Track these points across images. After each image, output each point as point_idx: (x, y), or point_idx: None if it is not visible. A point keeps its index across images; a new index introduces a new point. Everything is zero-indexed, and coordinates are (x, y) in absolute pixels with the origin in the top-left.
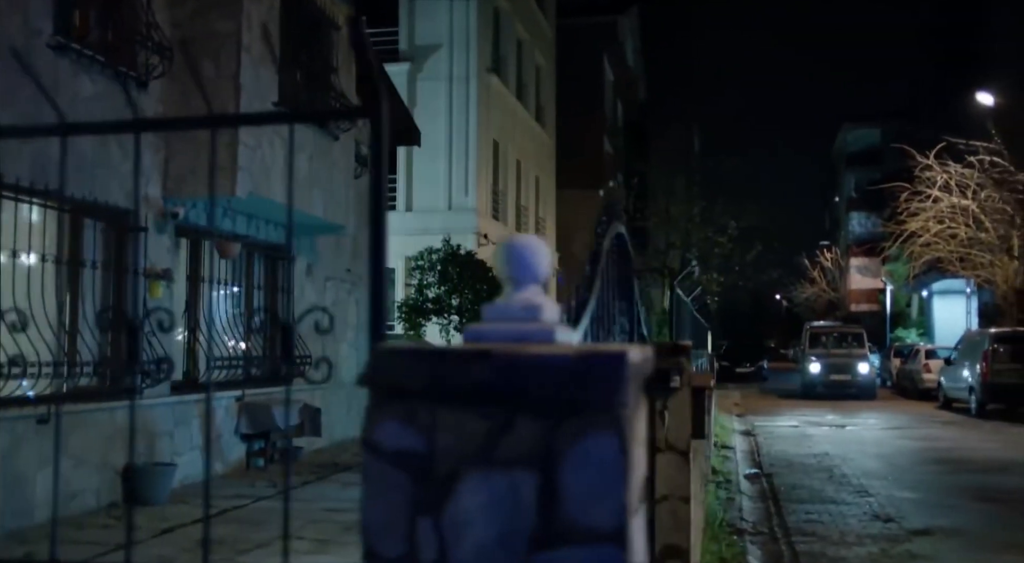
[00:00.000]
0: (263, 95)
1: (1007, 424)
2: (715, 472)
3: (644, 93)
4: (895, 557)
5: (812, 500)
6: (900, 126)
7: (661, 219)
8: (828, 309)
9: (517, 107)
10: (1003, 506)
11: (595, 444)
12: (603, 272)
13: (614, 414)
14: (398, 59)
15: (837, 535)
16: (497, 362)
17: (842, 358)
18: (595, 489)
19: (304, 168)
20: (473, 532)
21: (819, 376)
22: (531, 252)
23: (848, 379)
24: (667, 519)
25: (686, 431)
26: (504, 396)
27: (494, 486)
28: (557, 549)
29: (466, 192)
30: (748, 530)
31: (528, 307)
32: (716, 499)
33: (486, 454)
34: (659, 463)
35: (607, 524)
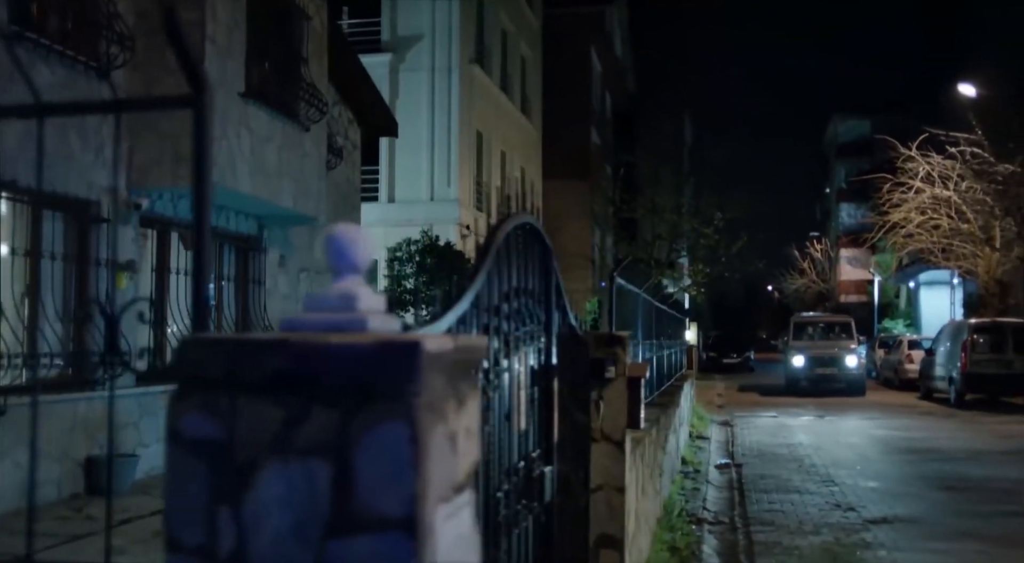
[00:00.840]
0: (229, 85)
1: (984, 414)
2: (685, 462)
3: (633, 84)
4: (848, 546)
5: (778, 490)
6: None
7: (647, 210)
8: (818, 300)
9: (501, 98)
10: (964, 494)
11: (386, 432)
12: (501, 264)
13: (406, 403)
14: (380, 50)
15: (795, 524)
16: (293, 351)
17: (828, 351)
18: (386, 477)
19: (273, 159)
20: (270, 521)
21: (803, 370)
22: (349, 242)
23: (835, 373)
24: (602, 509)
25: (621, 421)
26: (301, 385)
27: (291, 475)
28: (350, 536)
29: (448, 183)
30: (708, 519)
31: (344, 296)
32: (681, 489)
33: (283, 443)
34: (594, 453)
35: (397, 512)
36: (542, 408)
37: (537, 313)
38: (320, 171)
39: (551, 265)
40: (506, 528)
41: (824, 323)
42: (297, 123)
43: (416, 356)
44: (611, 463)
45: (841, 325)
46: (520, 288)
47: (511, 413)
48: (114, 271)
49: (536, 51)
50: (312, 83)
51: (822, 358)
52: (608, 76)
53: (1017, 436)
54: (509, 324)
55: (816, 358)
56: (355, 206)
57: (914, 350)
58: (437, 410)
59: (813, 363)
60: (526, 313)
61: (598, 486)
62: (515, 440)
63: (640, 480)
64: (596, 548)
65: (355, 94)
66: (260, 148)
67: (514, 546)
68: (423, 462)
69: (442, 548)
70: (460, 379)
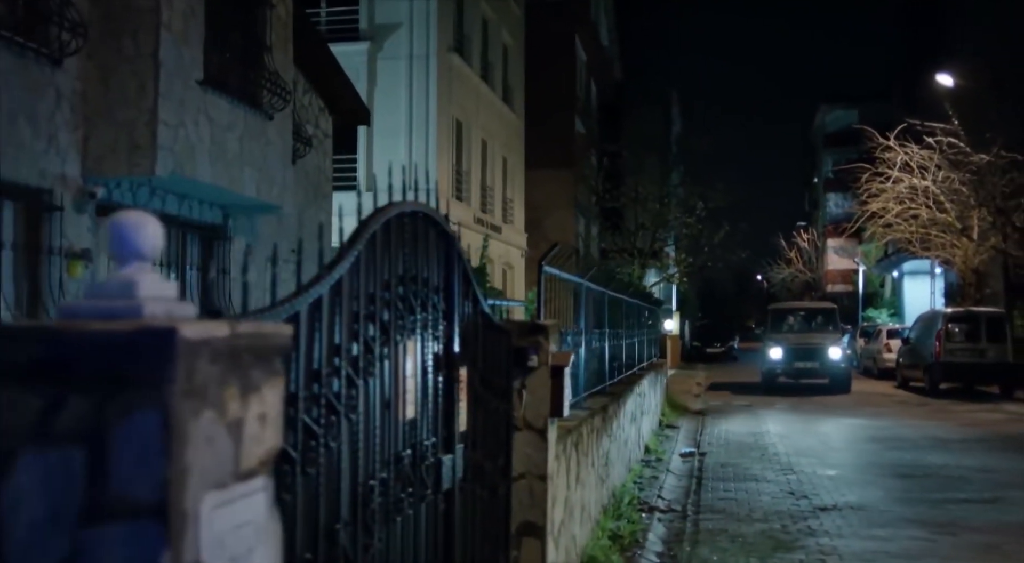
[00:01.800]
0: (186, 73)
1: (957, 402)
2: (649, 451)
3: (620, 73)
4: (792, 533)
5: (736, 478)
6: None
7: (629, 199)
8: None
9: (482, 87)
10: (918, 481)
11: (139, 420)
12: (380, 251)
13: (160, 390)
14: (358, 38)
15: (746, 512)
16: (49, 338)
17: (809, 342)
18: (139, 465)
19: (235, 147)
20: (28, 509)
21: (781, 364)
22: (132, 229)
23: (816, 367)
24: (524, 496)
25: (544, 410)
26: (57, 372)
27: (48, 463)
28: (104, 524)
29: (426, 172)
30: (661, 508)
31: (123, 284)
32: (639, 477)
33: (41, 431)
34: (517, 442)
35: (148, 499)
36: (442, 396)
37: (436, 302)
38: (285, 160)
39: (453, 254)
40: (383, 516)
41: (805, 311)
42: (260, 111)
43: (171, 342)
44: (533, 451)
45: (824, 313)
46: (409, 276)
47: (391, 401)
48: (67, 260)
49: (519, 40)
50: (276, 71)
51: (802, 350)
52: (593, 65)
53: (983, 424)
54: (390, 312)
55: (795, 350)
56: (326, 195)
57: (893, 339)
58: (202, 397)
59: (792, 356)
60: (415, 302)
61: (520, 474)
62: (398, 428)
63: (574, 468)
64: (518, 536)
65: (326, 82)
66: (221, 136)
67: (398, 534)
68: (179, 449)
69: (210, 536)
70: (251, 366)
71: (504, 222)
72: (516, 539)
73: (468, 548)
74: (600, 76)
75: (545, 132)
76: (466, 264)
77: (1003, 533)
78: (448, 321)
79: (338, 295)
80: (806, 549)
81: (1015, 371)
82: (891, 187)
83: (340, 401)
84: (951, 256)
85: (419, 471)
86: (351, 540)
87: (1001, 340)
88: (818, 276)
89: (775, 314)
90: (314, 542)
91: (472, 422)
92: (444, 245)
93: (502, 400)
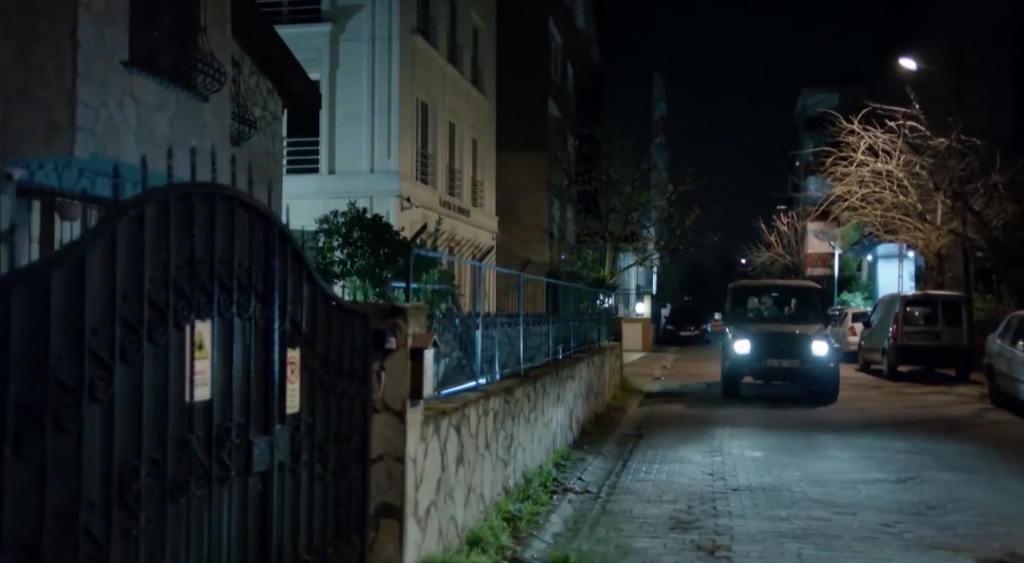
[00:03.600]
0: (108, 54)
1: (913, 385)
2: (586, 433)
3: (598, 56)
4: (696, 513)
5: (664, 460)
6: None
7: (601, 182)
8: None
9: (448, 69)
10: (840, 463)
11: None
12: (158, 234)
13: None
14: (320, 20)
15: (657, 493)
16: None
17: (785, 332)
18: None
19: (165, 128)
20: None
21: (747, 362)
22: None
23: (795, 366)
24: (382, 478)
25: (403, 392)
26: None
27: None
28: None
29: (388, 155)
30: (576, 489)
31: None
32: (564, 459)
33: None
34: (375, 423)
35: None
36: (259, 377)
37: (248, 284)
38: (223, 142)
39: (273, 237)
40: (156, 498)
41: (779, 292)
42: (194, 93)
43: None
44: (392, 433)
45: (803, 295)
46: (204, 258)
47: (170, 383)
48: None
49: (490, 23)
50: (211, 52)
51: (776, 344)
52: (569, 48)
53: (929, 406)
54: (168, 293)
55: (766, 344)
56: (276, 177)
57: (857, 323)
58: None
59: (762, 351)
60: (214, 284)
61: (379, 456)
62: (183, 410)
63: (454, 450)
64: (376, 517)
65: (274, 64)
66: (149, 118)
67: (186, 515)
68: None
69: None
70: None
71: (473, 205)
72: (374, 520)
73: (297, 529)
74: (577, 59)
75: (518, 115)
76: (295, 247)
77: (903, 512)
78: (265, 303)
79: (82, 275)
80: (702, 529)
81: (970, 354)
82: (855, 171)
83: (83, 384)
84: (914, 240)
85: (218, 453)
86: (103, 523)
87: (958, 323)
88: (798, 260)
89: (738, 295)
90: (38, 526)
91: (310, 403)
92: (263, 228)
93: (356, 382)
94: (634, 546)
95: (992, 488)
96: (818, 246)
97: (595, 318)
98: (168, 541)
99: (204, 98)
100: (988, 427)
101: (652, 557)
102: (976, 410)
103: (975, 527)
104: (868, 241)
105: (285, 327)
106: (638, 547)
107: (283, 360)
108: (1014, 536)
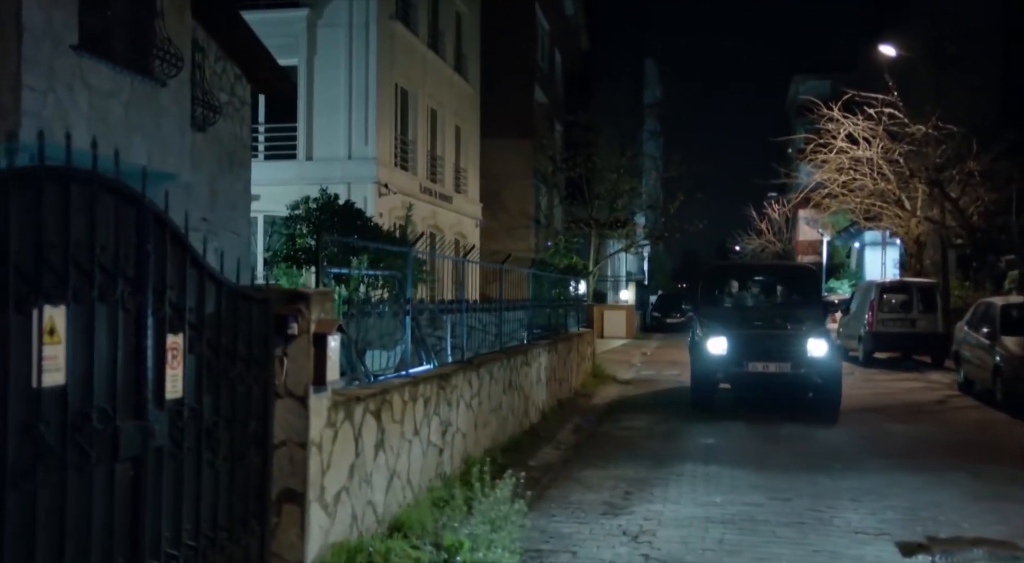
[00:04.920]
0: (57, 37)
1: (884, 372)
2: (545, 418)
3: (587, 42)
4: (632, 499)
5: (616, 446)
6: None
7: (585, 169)
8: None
9: (429, 55)
10: (789, 451)
11: None
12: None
13: None
14: (297, 4)
15: (597, 480)
16: None
17: (772, 330)
18: None
19: (119, 114)
20: None
21: (724, 365)
22: None
23: (785, 372)
24: (285, 464)
25: (306, 377)
26: None
27: None
28: None
29: (366, 141)
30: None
31: None
32: (514, 445)
33: None
34: (278, 409)
35: None
36: (128, 363)
37: (115, 269)
38: (183, 127)
39: (146, 222)
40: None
41: (765, 275)
42: (151, 78)
43: None
44: (294, 419)
45: (795, 280)
46: (62, 243)
47: (10, 368)
48: None
49: (474, 9)
50: (168, 38)
51: (760, 343)
52: (557, 34)
53: (896, 393)
54: (6, 277)
55: (748, 342)
56: (244, 163)
57: (837, 311)
58: None
59: (744, 351)
60: (72, 269)
61: (281, 442)
62: (28, 396)
63: (372, 436)
64: (279, 503)
65: (242, 50)
66: (102, 103)
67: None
68: None
69: None
70: None
71: (456, 192)
72: (276, 506)
73: (180, 515)
74: (565, 45)
75: (504, 101)
76: (176, 232)
77: (837, 498)
78: (137, 289)
79: None
80: (634, 515)
81: (945, 341)
82: (834, 157)
83: None
84: (895, 227)
85: (74, 439)
86: None
87: (932, 310)
88: (789, 247)
89: (714, 280)
90: None
91: (197, 389)
92: (135, 213)
93: (255, 367)
94: (561, 531)
95: (930, 474)
96: (809, 233)
97: (563, 305)
98: (12, 525)
99: (162, 83)
100: (949, 414)
101: (577, 542)
102: (942, 397)
103: (903, 512)
104: (855, 229)
105: (164, 312)
106: (564, 532)
107: (161, 345)
108: (938, 521)
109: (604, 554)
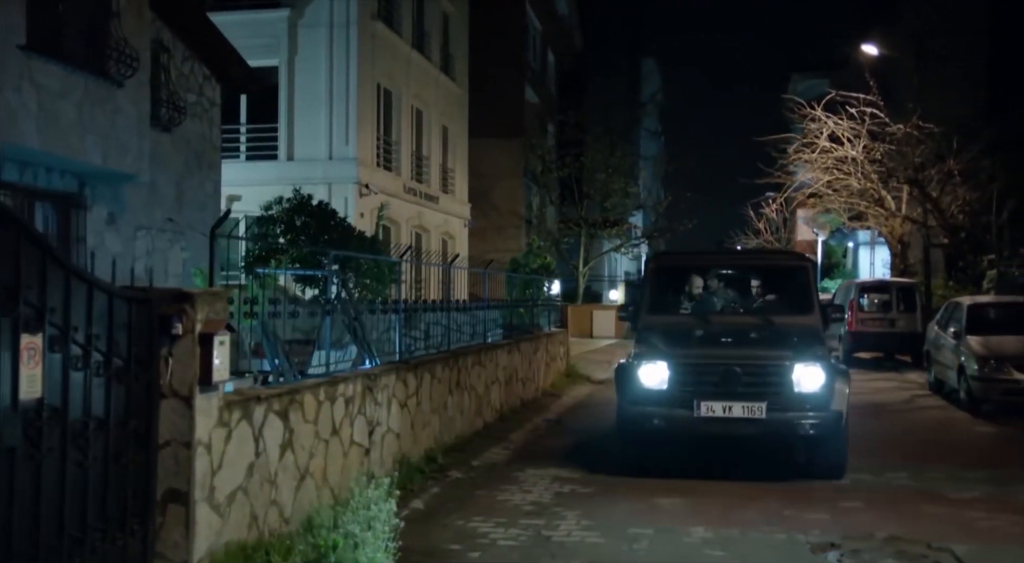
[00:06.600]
0: (2, 37)
1: (861, 371)
2: (503, 418)
3: (581, 42)
4: (563, 500)
5: (574, 445)
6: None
7: (575, 169)
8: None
9: (413, 55)
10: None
11: None
12: None
13: None
14: (278, 5)
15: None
16: None
17: (743, 349)
18: None
19: (72, 114)
20: None
21: (659, 408)
22: None
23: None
24: (170, 464)
25: (191, 377)
26: None
27: None
28: None
29: (347, 142)
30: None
31: None
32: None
33: None
34: (163, 409)
35: None
36: None
37: None
38: (140, 127)
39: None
40: None
41: (738, 273)
42: (106, 78)
43: None
44: (179, 419)
45: (783, 278)
46: None
47: None
48: None
49: (461, 9)
50: (124, 38)
51: (720, 373)
52: (550, 34)
53: (866, 393)
54: None
55: (701, 372)
56: (213, 164)
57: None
58: None
59: (690, 389)
60: None
61: (166, 442)
62: None
63: (277, 436)
64: (164, 503)
65: (211, 51)
66: (52, 103)
67: None
68: None
69: None
70: None
71: (443, 192)
72: (161, 506)
73: (38, 516)
74: (558, 45)
75: (494, 101)
76: (32, 232)
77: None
78: None
79: None
80: (552, 515)
81: (923, 341)
82: (817, 157)
83: None
84: (879, 226)
85: None
86: None
87: (912, 310)
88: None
89: (663, 276)
90: None
91: (60, 389)
92: None
93: (136, 366)
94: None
95: (869, 473)
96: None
97: (534, 305)
98: None
99: (118, 84)
100: (912, 414)
101: (491, 541)
102: (909, 397)
103: (828, 510)
104: (847, 229)
105: (19, 312)
106: (481, 531)
107: (15, 345)
108: (860, 520)
109: (512, 556)
